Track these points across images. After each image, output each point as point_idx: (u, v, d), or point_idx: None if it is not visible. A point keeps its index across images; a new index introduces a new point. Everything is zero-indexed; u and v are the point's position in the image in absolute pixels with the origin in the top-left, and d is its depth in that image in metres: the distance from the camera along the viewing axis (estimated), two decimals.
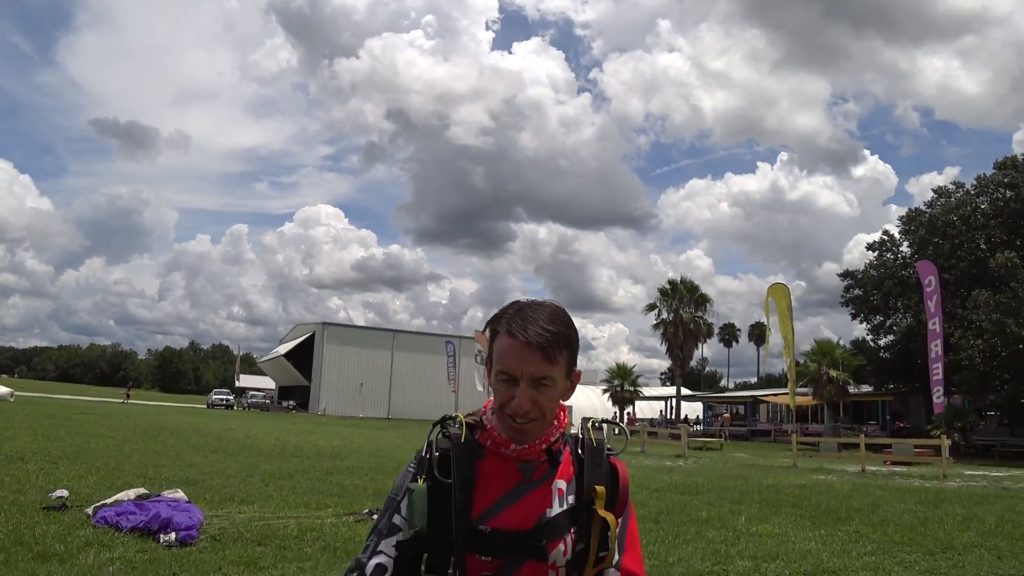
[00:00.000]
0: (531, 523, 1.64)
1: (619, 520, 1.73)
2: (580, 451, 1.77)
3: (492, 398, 1.74)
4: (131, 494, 9.33)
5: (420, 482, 1.63)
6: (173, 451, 18.48)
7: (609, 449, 1.80)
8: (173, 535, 7.60)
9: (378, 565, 1.60)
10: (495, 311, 1.75)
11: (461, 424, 1.71)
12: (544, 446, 1.70)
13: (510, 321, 1.65)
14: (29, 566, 6.46)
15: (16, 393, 47.29)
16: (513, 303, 1.73)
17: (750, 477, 18.62)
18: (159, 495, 9.44)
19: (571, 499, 1.71)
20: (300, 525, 8.85)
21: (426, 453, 1.67)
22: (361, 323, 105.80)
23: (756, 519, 11.03)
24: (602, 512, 1.69)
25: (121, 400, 66.97)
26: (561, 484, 1.72)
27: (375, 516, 9.78)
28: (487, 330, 1.73)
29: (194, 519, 8.06)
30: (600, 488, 1.71)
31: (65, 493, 9.42)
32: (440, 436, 1.69)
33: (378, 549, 1.62)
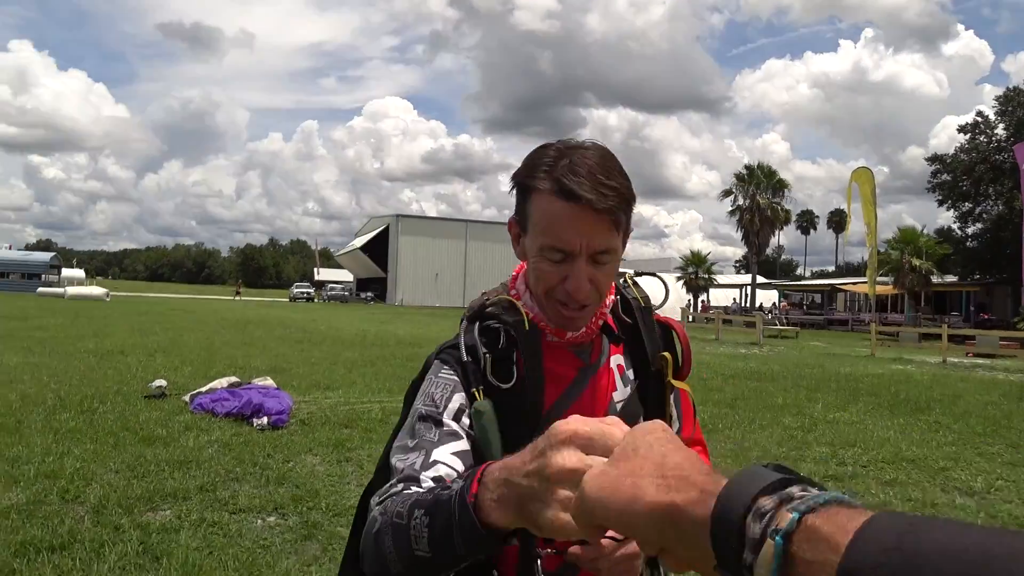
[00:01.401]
0: (602, 414, 1.32)
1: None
2: (623, 315, 1.46)
3: (520, 276, 1.44)
4: (224, 382, 9.81)
5: (480, 397, 1.27)
6: (260, 342, 19.27)
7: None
8: (265, 419, 8.03)
9: (436, 478, 1.16)
10: (523, 164, 1.31)
11: (518, 309, 1.34)
12: (600, 322, 1.40)
13: (561, 176, 1.22)
14: (136, 449, 6.94)
15: (111, 293, 49.64)
16: (549, 148, 1.29)
17: (827, 365, 18.48)
18: (250, 383, 9.92)
19: (631, 374, 1.44)
20: (383, 409, 9.23)
21: (468, 357, 1.30)
22: (433, 214, 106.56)
23: (833, 407, 11.01)
24: (677, 383, 1.44)
25: (232, 297, 69.86)
26: (618, 359, 1.44)
27: None
28: (517, 189, 1.32)
29: (284, 404, 8.48)
30: (667, 355, 1.43)
31: (163, 383, 9.97)
32: (481, 331, 1.33)
33: (432, 460, 1.19)
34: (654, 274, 1.63)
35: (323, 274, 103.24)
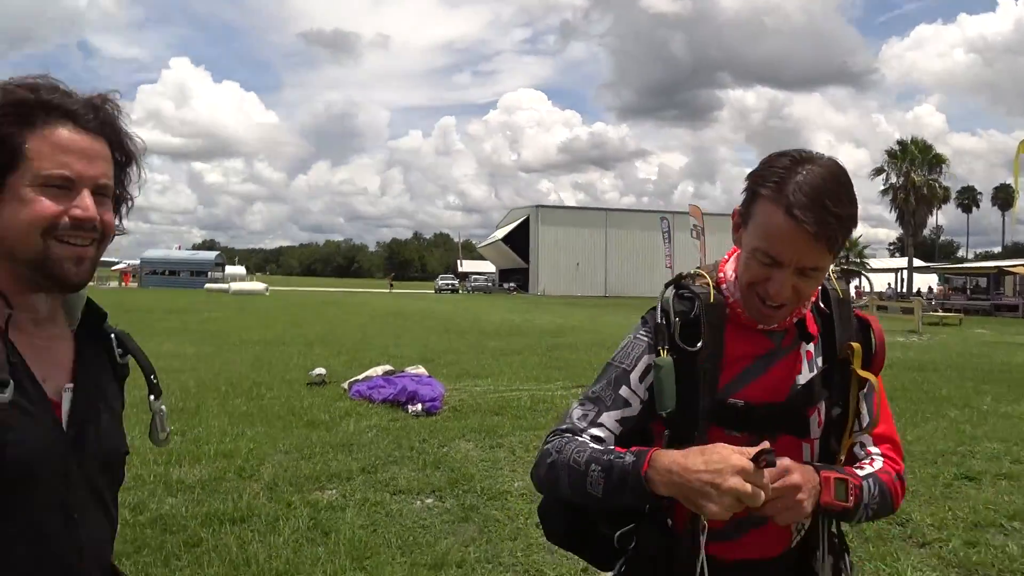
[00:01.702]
0: (783, 394, 1.46)
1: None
2: (823, 305, 1.54)
3: (730, 260, 1.54)
4: (379, 370, 10.25)
5: (664, 354, 1.42)
6: (409, 332, 19.96)
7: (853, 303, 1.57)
8: (420, 406, 8.36)
9: (595, 437, 1.45)
10: (758, 168, 1.41)
11: (708, 284, 1.49)
12: (795, 319, 1.49)
13: (791, 192, 1.30)
14: (303, 432, 7.40)
15: (270, 288, 52.59)
16: (784, 156, 1.37)
17: (995, 355, 17.25)
18: (403, 371, 10.31)
19: (820, 361, 1.51)
20: (532, 397, 9.41)
21: (661, 319, 1.47)
22: (572, 204, 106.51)
23: (1004, 400, 10.28)
24: (862, 372, 1.47)
25: (386, 290, 72.73)
26: (808, 346, 1.51)
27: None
28: (746, 188, 1.42)
29: (436, 391, 8.80)
30: (856, 345, 1.48)
31: (323, 371, 10.53)
32: (676, 299, 1.48)
33: (599, 421, 1.47)
34: (860, 273, 1.64)
35: (466, 266, 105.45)
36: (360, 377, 9.98)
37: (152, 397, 1.35)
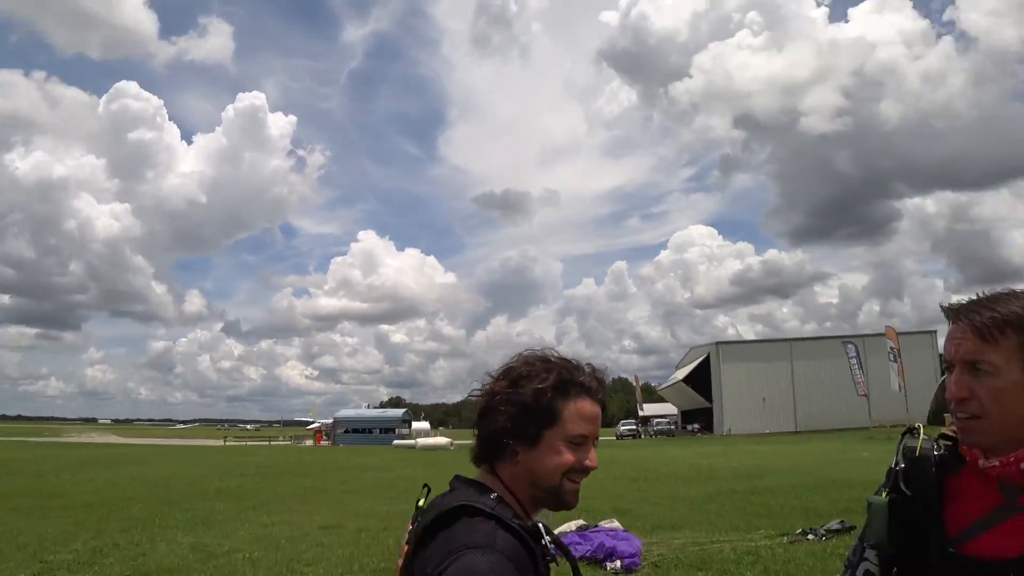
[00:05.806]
0: (1016, 552, 1.35)
1: None
2: None
3: None
4: (572, 526, 10.04)
5: (883, 495, 1.54)
6: (598, 483, 19.53)
7: None
8: (619, 563, 8.06)
9: (867, 572, 1.57)
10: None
11: (919, 434, 1.57)
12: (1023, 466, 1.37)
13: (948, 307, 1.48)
14: None
15: (454, 442, 53.66)
16: None
17: None
18: (597, 525, 10.05)
19: None
20: (735, 549, 8.85)
21: (895, 464, 1.55)
22: (751, 337, 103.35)
23: None
24: None
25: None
26: None
27: (810, 536, 9.43)
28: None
29: (634, 547, 8.47)
30: None
31: None
32: (906, 446, 1.56)
33: (864, 556, 1.59)
34: None
35: (647, 409, 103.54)
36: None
37: None
